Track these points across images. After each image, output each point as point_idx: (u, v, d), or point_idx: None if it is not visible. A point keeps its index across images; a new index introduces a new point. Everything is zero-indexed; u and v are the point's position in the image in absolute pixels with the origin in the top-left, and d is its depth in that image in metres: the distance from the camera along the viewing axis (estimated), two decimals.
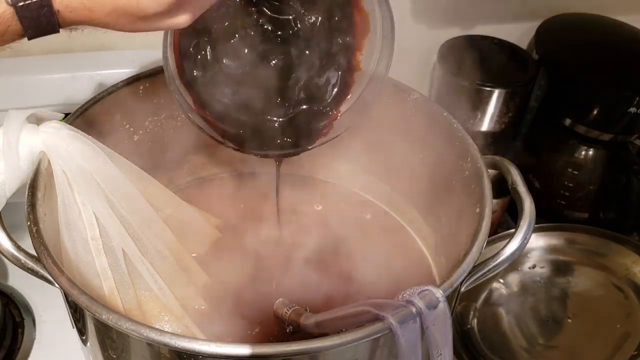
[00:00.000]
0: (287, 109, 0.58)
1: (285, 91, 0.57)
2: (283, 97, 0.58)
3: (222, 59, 0.55)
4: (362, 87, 0.58)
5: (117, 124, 0.63)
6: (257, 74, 0.56)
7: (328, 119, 0.59)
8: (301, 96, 0.58)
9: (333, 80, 0.58)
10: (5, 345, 0.68)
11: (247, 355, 0.39)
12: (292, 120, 0.58)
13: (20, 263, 0.49)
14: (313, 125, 0.59)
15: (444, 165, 0.60)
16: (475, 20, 0.86)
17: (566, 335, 0.71)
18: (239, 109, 0.57)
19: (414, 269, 0.65)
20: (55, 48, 0.75)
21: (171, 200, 0.60)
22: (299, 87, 0.58)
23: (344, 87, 0.59)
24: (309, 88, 0.58)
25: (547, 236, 0.79)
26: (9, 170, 0.47)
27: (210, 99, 0.56)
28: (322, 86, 0.58)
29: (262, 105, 0.57)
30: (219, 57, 0.55)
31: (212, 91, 0.56)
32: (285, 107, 0.58)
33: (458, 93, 0.81)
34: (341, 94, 0.59)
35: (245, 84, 0.57)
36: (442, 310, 0.42)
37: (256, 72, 0.56)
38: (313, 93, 0.58)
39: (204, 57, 0.55)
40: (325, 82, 0.58)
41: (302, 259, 0.64)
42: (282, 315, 0.55)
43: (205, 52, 0.55)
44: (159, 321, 0.54)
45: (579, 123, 0.80)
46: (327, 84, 0.58)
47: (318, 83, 0.58)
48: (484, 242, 0.49)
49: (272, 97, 0.57)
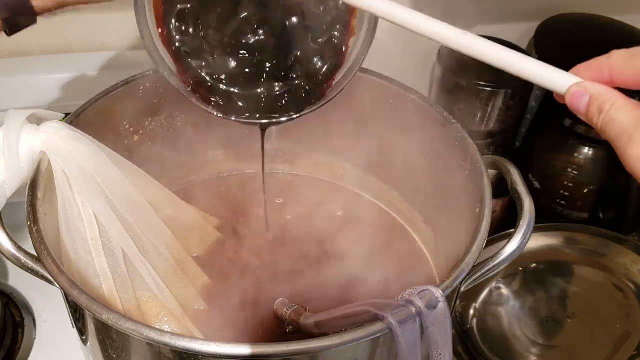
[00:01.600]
0: (279, 81, 0.56)
1: (277, 62, 0.56)
2: (275, 69, 0.56)
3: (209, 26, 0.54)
4: (355, 50, 0.56)
5: (118, 124, 0.63)
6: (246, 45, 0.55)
7: (322, 88, 0.58)
8: (295, 68, 0.56)
9: (328, 49, 0.57)
10: (5, 345, 0.68)
11: (247, 355, 0.39)
12: (285, 91, 0.57)
13: (20, 263, 0.49)
14: (305, 96, 0.57)
15: (444, 165, 0.60)
16: (475, 20, 0.86)
17: (566, 335, 0.71)
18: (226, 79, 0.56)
19: (414, 269, 0.65)
20: (55, 48, 0.75)
21: (171, 200, 0.60)
22: (292, 59, 0.56)
23: (339, 54, 0.56)
24: (303, 59, 0.56)
25: (546, 236, 0.79)
26: (9, 170, 0.47)
27: (195, 65, 0.55)
28: (316, 56, 0.56)
29: (251, 76, 0.56)
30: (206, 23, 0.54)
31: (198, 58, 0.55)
32: (278, 80, 0.56)
33: (458, 93, 0.81)
34: (336, 61, 0.57)
35: (234, 54, 0.55)
36: (442, 310, 0.42)
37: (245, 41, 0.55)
38: (307, 64, 0.56)
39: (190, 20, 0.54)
40: (320, 51, 0.56)
41: (301, 259, 0.64)
42: (282, 315, 0.55)
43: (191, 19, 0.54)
44: (158, 321, 0.54)
45: (579, 123, 0.80)
46: (322, 54, 0.56)
47: (312, 53, 0.56)
48: (484, 242, 0.49)
49: (262, 69, 0.56)
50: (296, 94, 0.56)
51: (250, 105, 0.56)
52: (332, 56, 0.56)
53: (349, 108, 0.65)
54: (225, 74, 0.55)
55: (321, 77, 0.56)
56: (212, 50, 0.54)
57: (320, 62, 0.56)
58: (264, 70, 0.56)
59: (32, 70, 0.73)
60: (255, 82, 0.56)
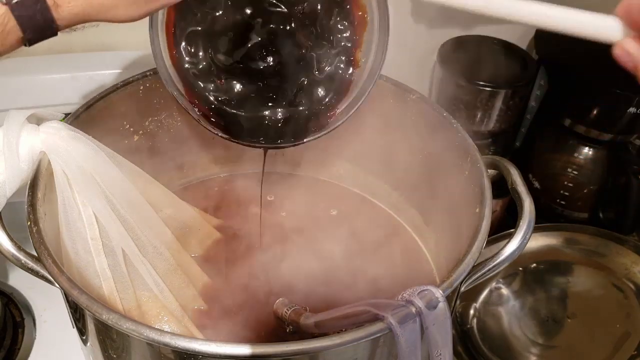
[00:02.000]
0: (284, 107, 0.57)
1: (283, 90, 0.57)
2: (280, 96, 0.57)
3: (217, 53, 0.55)
4: (360, 83, 0.58)
5: (117, 124, 0.63)
6: (253, 70, 0.56)
7: (325, 117, 0.59)
8: (300, 96, 0.58)
9: (333, 79, 0.58)
10: (5, 345, 0.68)
11: (247, 355, 0.39)
12: (289, 118, 0.58)
13: (20, 263, 0.49)
14: (309, 123, 0.58)
15: (444, 165, 0.60)
16: (475, 20, 0.86)
17: (566, 335, 0.71)
18: (233, 103, 0.57)
19: (414, 268, 0.65)
20: (55, 48, 0.75)
21: (171, 200, 0.60)
22: (298, 87, 0.57)
23: (343, 85, 0.58)
24: (308, 88, 0.57)
25: (546, 236, 0.79)
26: (9, 170, 0.47)
27: (203, 89, 0.56)
28: (321, 86, 0.58)
29: (257, 102, 0.57)
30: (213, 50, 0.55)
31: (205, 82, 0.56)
32: (282, 106, 0.57)
33: (458, 93, 0.81)
34: (340, 92, 0.58)
35: (241, 79, 0.56)
36: (442, 310, 0.42)
37: (253, 68, 0.56)
38: (312, 93, 0.58)
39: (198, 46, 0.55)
40: (324, 81, 0.58)
41: (301, 259, 0.64)
42: (282, 315, 0.55)
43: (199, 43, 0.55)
44: (158, 321, 0.54)
45: (579, 123, 0.80)
46: (326, 84, 0.58)
47: (317, 82, 0.58)
48: (484, 242, 0.49)
49: (268, 95, 0.57)
50: (299, 121, 0.57)
51: (254, 129, 0.57)
52: (336, 87, 0.57)
53: None
54: (230, 97, 0.56)
55: (324, 106, 0.57)
56: (219, 73, 0.55)
57: (324, 92, 0.57)
58: (269, 96, 0.57)
59: (32, 70, 0.73)
60: (260, 107, 0.57)
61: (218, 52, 0.56)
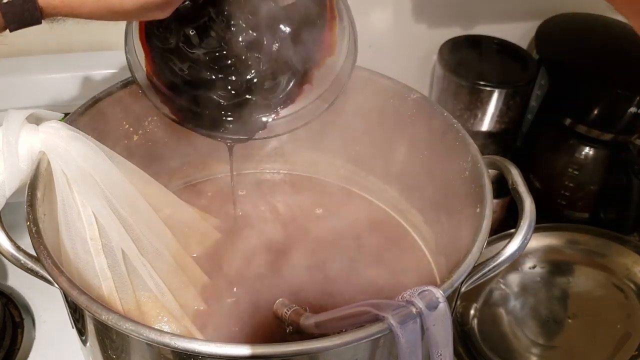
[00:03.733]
0: (232, 92, 0.58)
1: (234, 77, 0.58)
2: (231, 81, 0.58)
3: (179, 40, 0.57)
4: (308, 98, 0.59)
5: (117, 124, 0.63)
6: (210, 59, 0.57)
7: (268, 116, 0.60)
8: (248, 86, 0.59)
9: (283, 85, 0.59)
10: (5, 345, 0.68)
11: (246, 356, 0.39)
12: (236, 105, 0.59)
13: (19, 263, 0.49)
14: (254, 116, 0.60)
15: (444, 165, 0.60)
16: (475, 20, 0.86)
17: (566, 335, 0.71)
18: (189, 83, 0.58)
19: (414, 269, 0.65)
20: (55, 48, 0.75)
21: (171, 200, 0.60)
22: (249, 79, 0.58)
23: (291, 95, 0.60)
24: (258, 83, 0.59)
25: (547, 236, 0.78)
26: (8, 170, 0.47)
27: (164, 68, 0.58)
28: (270, 86, 0.59)
29: (210, 83, 0.58)
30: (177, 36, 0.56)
31: (167, 62, 0.57)
32: (232, 91, 0.58)
33: (458, 93, 0.81)
34: (287, 99, 0.60)
35: (198, 64, 0.58)
36: (443, 310, 0.42)
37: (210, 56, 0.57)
38: (260, 88, 0.59)
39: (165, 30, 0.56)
40: (275, 84, 0.59)
41: (302, 259, 0.64)
42: (282, 315, 0.55)
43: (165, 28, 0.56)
44: (158, 322, 0.54)
45: (579, 123, 0.80)
46: (276, 86, 0.59)
47: (268, 82, 0.59)
48: (484, 242, 0.49)
49: (220, 79, 0.58)
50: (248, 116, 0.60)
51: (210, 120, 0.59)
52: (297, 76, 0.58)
53: (349, 108, 0.65)
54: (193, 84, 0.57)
55: (283, 95, 0.59)
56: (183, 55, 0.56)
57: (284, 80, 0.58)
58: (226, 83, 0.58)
59: (32, 70, 0.73)
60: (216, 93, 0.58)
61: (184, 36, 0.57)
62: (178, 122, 0.60)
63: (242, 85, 0.59)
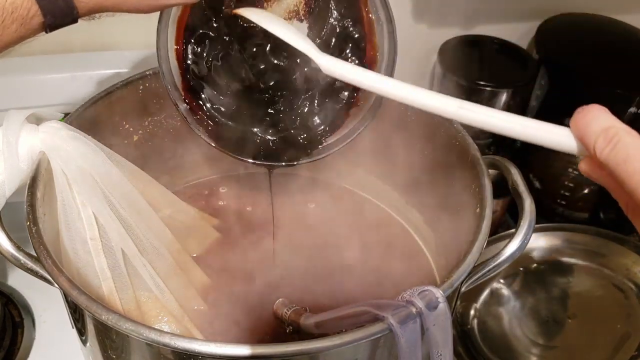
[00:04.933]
0: (276, 129, 0.58)
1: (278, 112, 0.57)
2: (275, 117, 0.58)
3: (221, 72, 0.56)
4: (356, 119, 0.58)
5: (117, 124, 0.63)
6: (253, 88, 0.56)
7: (315, 144, 0.59)
8: (294, 121, 0.58)
9: (329, 112, 0.58)
10: (4, 345, 0.68)
11: (246, 356, 0.39)
12: (281, 139, 0.58)
13: (19, 263, 0.49)
14: (299, 147, 0.59)
15: (444, 165, 0.60)
16: (475, 20, 0.86)
17: (566, 335, 0.71)
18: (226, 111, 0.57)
19: (415, 269, 0.65)
20: (55, 48, 0.75)
21: (171, 200, 0.60)
22: (294, 112, 0.57)
23: (338, 119, 0.59)
24: (303, 116, 0.58)
25: (547, 236, 0.78)
26: (8, 170, 0.47)
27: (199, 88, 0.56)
28: (316, 117, 0.58)
29: (253, 118, 0.57)
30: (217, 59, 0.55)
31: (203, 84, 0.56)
32: (275, 127, 0.58)
33: (458, 93, 0.81)
34: (334, 126, 0.59)
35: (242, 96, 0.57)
36: (443, 310, 0.42)
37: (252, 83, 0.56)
38: (306, 121, 0.58)
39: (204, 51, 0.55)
40: (321, 113, 0.58)
41: (302, 259, 0.64)
42: (282, 315, 0.55)
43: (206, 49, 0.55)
44: (158, 322, 0.54)
45: None
46: (322, 115, 0.58)
47: (313, 113, 0.58)
48: (484, 242, 0.49)
49: (263, 113, 0.57)
50: (288, 144, 0.57)
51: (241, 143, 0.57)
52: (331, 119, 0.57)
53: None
54: (226, 105, 0.56)
55: (318, 135, 0.58)
56: (218, 82, 0.56)
57: (319, 121, 0.57)
58: (263, 115, 0.57)
59: (32, 70, 0.73)
60: (252, 123, 0.57)
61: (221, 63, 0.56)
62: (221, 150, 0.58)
63: (294, 120, 0.57)
